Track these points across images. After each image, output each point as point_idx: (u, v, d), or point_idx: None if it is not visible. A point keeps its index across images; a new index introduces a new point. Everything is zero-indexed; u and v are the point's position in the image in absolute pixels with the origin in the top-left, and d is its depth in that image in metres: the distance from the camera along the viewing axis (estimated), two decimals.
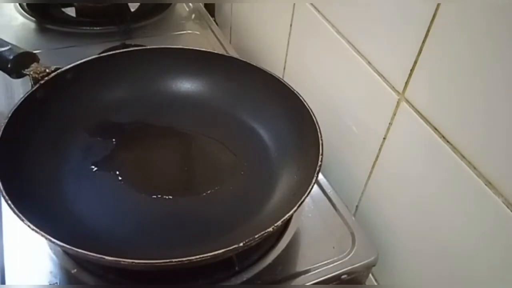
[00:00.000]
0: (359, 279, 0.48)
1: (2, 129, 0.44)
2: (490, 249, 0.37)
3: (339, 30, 0.52)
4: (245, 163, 0.52)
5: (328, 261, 0.46)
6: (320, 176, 0.53)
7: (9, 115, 0.46)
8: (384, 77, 0.46)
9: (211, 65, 0.58)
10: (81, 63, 0.53)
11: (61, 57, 0.59)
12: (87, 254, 0.35)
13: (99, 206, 0.47)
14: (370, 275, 0.53)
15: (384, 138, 0.48)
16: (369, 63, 0.48)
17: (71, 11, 0.82)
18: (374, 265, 0.48)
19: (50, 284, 0.42)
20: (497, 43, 0.34)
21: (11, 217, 0.37)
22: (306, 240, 0.48)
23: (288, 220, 0.48)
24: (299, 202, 0.40)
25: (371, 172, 0.52)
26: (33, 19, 0.78)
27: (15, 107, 0.47)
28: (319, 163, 0.44)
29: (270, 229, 0.38)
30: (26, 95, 0.48)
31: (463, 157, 0.38)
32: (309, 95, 0.51)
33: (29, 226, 0.36)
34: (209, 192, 0.49)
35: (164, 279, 0.42)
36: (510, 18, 0.32)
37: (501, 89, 0.34)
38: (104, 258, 0.35)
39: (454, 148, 0.39)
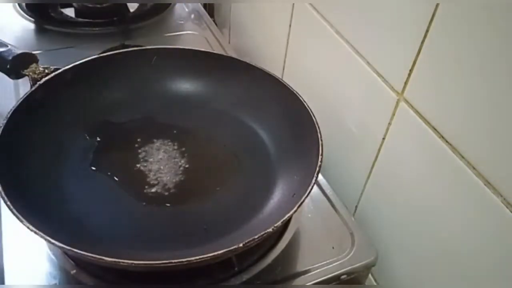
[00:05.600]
0: (359, 279, 0.48)
1: (1, 129, 0.44)
2: (489, 248, 0.37)
3: (338, 30, 0.52)
4: (244, 164, 0.52)
5: (328, 261, 0.46)
6: (320, 177, 0.53)
7: (8, 115, 0.45)
8: (383, 77, 0.46)
9: (210, 65, 0.58)
10: (80, 64, 0.53)
11: (60, 58, 0.59)
12: (87, 255, 0.35)
13: (99, 207, 0.47)
14: (370, 275, 0.53)
15: (383, 139, 0.48)
16: (368, 63, 0.48)
17: (70, 12, 0.82)
18: (373, 265, 0.48)
19: (49, 285, 0.42)
20: (496, 43, 0.34)
21: (10, 218, 0.37)
22: (306, 240, 0.48)
23: (288, 221, 0.48)
24: (299, 203, 0.40)
25: (370, 172, 0.52)
26: (32, 19, 0.78)
27: (14, 108, 0.46)
28: (319, 163, 0.44)
29: (270, 229, 0.38)
30: (25, 95, 0.48)
31: (462, 157, 0.38)
32: (309, 95, 0.51)
33: (28, 227, 0.36)
34: (208, 192, 0.49)
35: (164, 280, 0.42)
36: (509, 18, 0.32)
37: (500, 89, 0.34)
38: (103, 259, 0.35)
39: (453, 148, 0.39)
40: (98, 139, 0.53)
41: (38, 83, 0.50)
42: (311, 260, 0.46)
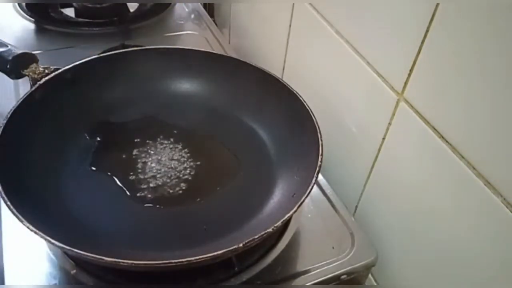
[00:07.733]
0: (359, 279, 0.48)
1: (1, 129, 0.44)
2: (489, 248, 0.37)
3: (338, 30, 0.52)
4: (244, 164, 0.52)
5: (328, 261, 0.46)
6: (320, 177, 0.53)
7: (8, 115, 0.46)
8: (383, 77, 0.46)
9: (210, 65, 0.58)
10: (80, 64, 0.53)
11: (60, 58, 0.59)
12: (87, 255, 0.35)
13: (99, 207, 0.47)
14: (370, 275, 0.53)
15: (383, 139, 0.48)
16: (368, 63, 0.48)
17: (70, 12, 0.82)
18: (373, 265, 0.48)
19: (49, 285, 0.42)
20: (496, 42, 0.34)
21: (10, 218, 0.37)
22: (306, 240, 0.48)
23: (288, 221, 0.48)
24: (299, 203, 0.40)
25: (370, 173, 0.52)
26: (32, 19, 0.78)
27: (14, 108, 0.46)
28: (319, 163, 0.44)
29: (270, 229, 0.38)
30: (25, 95, 0.48)
31: (462, 157, 0.38)
32: (309, 95, 0.51)
33: (28, 227, 0.36)
34: (208, 192, 0.49)
35: (164, 280, 0.42)
36: (509, 18, 0.32)
37: (500, 89, 0.34)
38: (103, 259, 0.35)
39: (453, 148, 0.39)
40: (98, 139, 0.53)
41: (38, 83, 0.50)
42: (311, 260, 0.46)
